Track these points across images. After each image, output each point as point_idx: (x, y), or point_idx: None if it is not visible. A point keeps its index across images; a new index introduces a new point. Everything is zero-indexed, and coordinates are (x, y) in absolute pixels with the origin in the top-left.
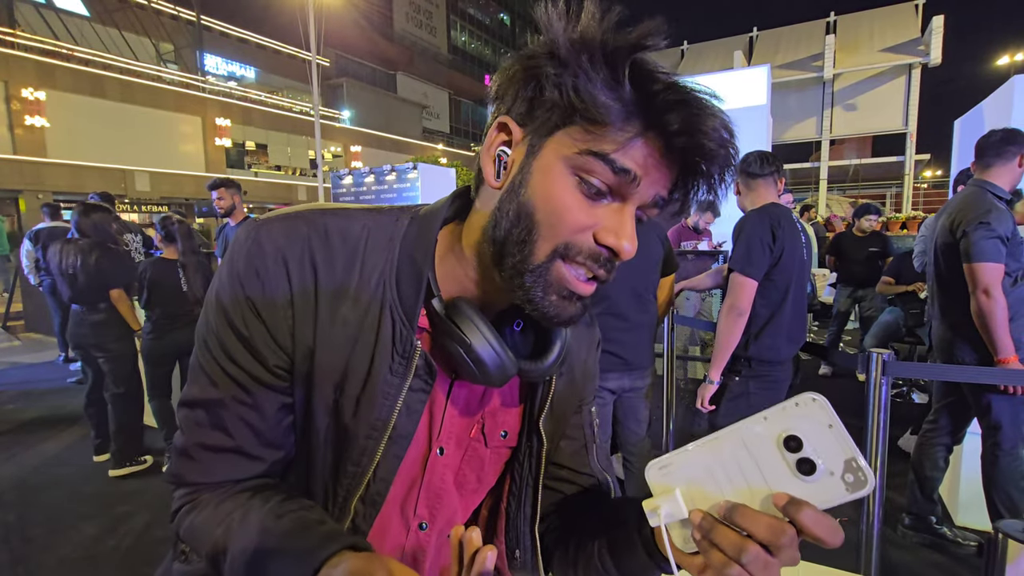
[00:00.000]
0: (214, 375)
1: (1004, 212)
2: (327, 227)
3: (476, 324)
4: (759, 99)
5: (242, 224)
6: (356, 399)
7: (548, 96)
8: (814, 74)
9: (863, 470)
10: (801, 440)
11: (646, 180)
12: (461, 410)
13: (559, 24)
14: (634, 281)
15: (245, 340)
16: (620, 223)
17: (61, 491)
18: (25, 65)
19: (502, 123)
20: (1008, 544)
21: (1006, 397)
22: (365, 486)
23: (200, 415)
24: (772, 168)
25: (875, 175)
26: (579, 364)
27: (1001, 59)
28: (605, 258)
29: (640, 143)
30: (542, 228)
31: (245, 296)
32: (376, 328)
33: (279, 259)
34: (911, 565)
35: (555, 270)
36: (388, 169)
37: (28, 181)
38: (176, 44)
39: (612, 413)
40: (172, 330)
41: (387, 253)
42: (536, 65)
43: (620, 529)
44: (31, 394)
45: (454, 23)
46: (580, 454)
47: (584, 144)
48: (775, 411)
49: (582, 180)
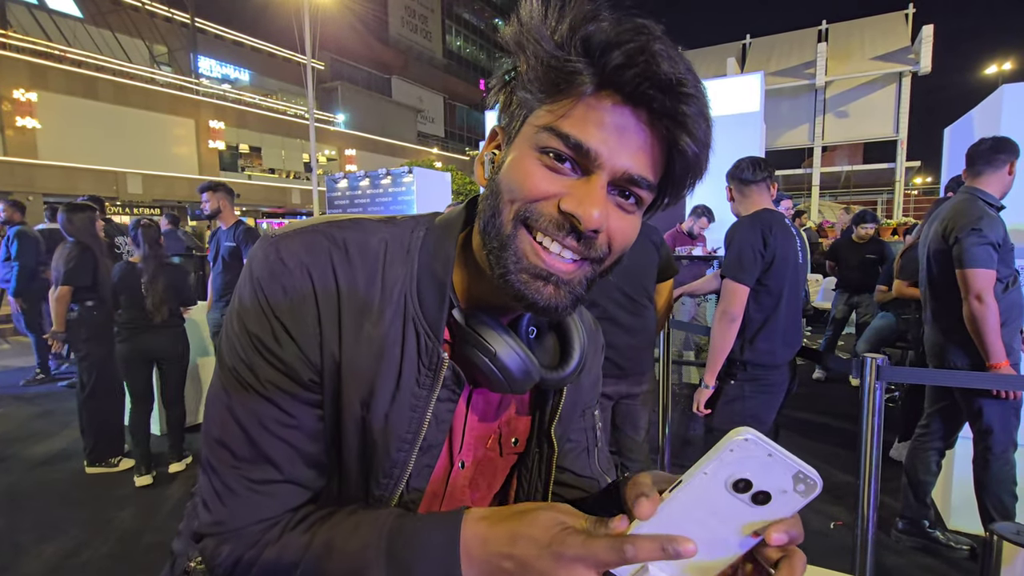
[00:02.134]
0: (248, 401)
1: (995, 219)
2: (346, 241)
3: (498, 332)
4: (752, 106)
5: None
6: (385, 414)
7: (517, 94)
8: (806, 81)
9: (810, 476)
10: (750, 480)
11: (609, 147)
12: (480, 420)
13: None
14: (625, 285)
15: (278, 359)
16: (586, 191)
17: (51, 496)
18: (17, 66)
19: (494, 131)
20: (1003, 546)
21: (997, 402)
22: (399, 497)
23: (238, 446)
24: (764, 174)
25: (866, 181)
26: (586, 370)
27: (990, 68)
28: (569, 228)
29: (595, 102)
30: (505, 195)
31: (274, 315)
32: (401, 342)
33: (305, 274)
34: (904, 569)
35: (521, 239)
36: (383, 173)
37: (19, 183)
38: (170, 46)
39: (610, 418)
40: (138, 334)
41: (406, 266)
42: (508, 72)
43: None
44: (20, 398)
45: (449, 28)
46: (582, 458)
47: (543, 121)
48: (712, 463)
49: (545, 155)
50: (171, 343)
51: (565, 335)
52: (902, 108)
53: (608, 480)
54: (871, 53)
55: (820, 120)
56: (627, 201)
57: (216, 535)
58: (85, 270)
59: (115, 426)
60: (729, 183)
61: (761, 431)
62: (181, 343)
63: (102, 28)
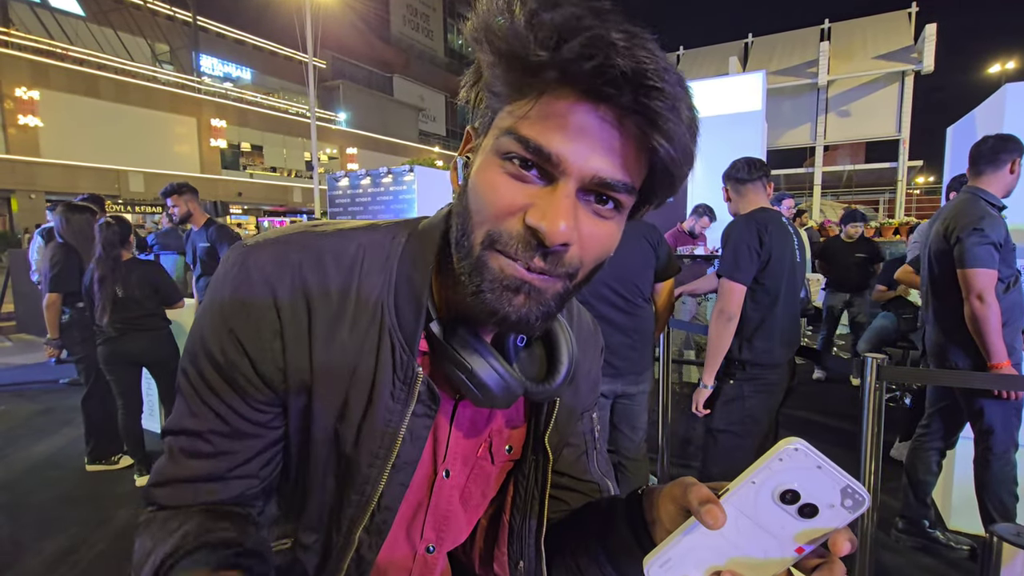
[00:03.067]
0: (194, 405)
1: (997, 218)
2: (320, 250)
3: (477, 348)
4: (754, 105)
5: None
6: (357, 427)
7: (482, 92)
8: (808, 80)
9: (859, 492)
10: (797, 491)
11: (574, 150)
12: (467, 431)
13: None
14: (618, 285)
15: (224, 373)
16: (550, 202)
17: (52, 493)
18: (19, 64)
19: (467, 133)
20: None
21: (998, 402)
22: (370, 516)
23: (182, 442)
24: (760, 173)
25: (868, 181)
26: (583, 373)
27: (993, 67)
28: (536, 244)
29: (554, 101)
30: (474, 216)
31: (228, 328)
32: (376, 352)
33: (267, 288)
34: (904, 569)
35: (491, 261)
36: (384, 171)
37: (21, 181)
38: (172, 45)
39: (608, 418)
40: (116, 337)
41: (384, 274)
42: (474, 73)
43: (616, 537)
44: (23, 396)
45: (451, 26)
46: (581, 460)
47: (504, 124)
48: (760, 472)
49: (508, 161)
50: (153, 347)
51: (553, 345)
52: (904, 107)
53: (608, 482)
54: (873, 52)
55: (822, 119)
56: (604, 207)
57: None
58: (71, 275)
59: (115, 425)
60: (725, 183)
61: (759, 431)
62: (165, 346)
63: (104, 26)
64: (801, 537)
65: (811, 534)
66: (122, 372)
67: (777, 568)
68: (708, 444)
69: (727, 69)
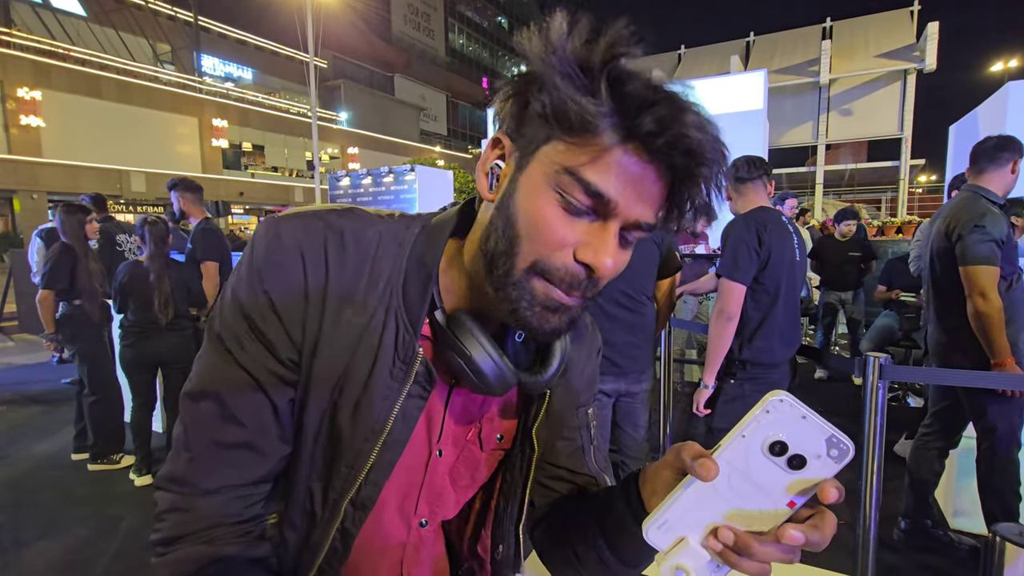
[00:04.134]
0: (226, 367)
1: (999, 216)
2: (343, 229)
3: (476, 336)
4: (756, 104)
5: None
6: (355, 401)
7: (532, 112)
8: (810, 79)
9: (843, 441)
10: (785, 442)
11: (629, 197)
12: (459, 416)
13: (536, 42)
14: (624, 283)
15: (259, 331)
16: (601, 240)
17: (54, 493)
18: (21, 65)
19: (496, 138)
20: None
21: (1001, 400)
22: (357, 489)
23: (209, 407)
24: (760, 171)
25: (870, 180)
26: (577, 371)
27: (995, 65)
28: (583, 278)
29: (620, 154)
30: (523, 242)
31: (263, 288)
32: (380, 332)
33: (298, 253)
34: (906, 568)
35: (535, 286)
36: (385, 171)
37: (23, 181)
38: (173, 45)
39: (610, 416)
40: (145, 338)
41: (396, 260)
42: (523, 83)
43: (613, 518)
44: (25, 395)
45: (452, 26)
46: (577, 455)
47: (563, 160)
48: (750, 425)
49: (563, 196)
50: (178, 347)
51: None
52: (907, 106)
53: (606, 477)
54: (875, 50)
55: (824, 118)
56: (629, 236)
57: (169, 491)
58: (62, 272)
59: (115, 423)
60: (725, 182)
61: None
62: (188, 347)
63: (106, 27)
64: (792, 488)
65: (801, 485)
66: (144, 372)
67: (771, 522)
68: (710, 444)
69: (728, 68)
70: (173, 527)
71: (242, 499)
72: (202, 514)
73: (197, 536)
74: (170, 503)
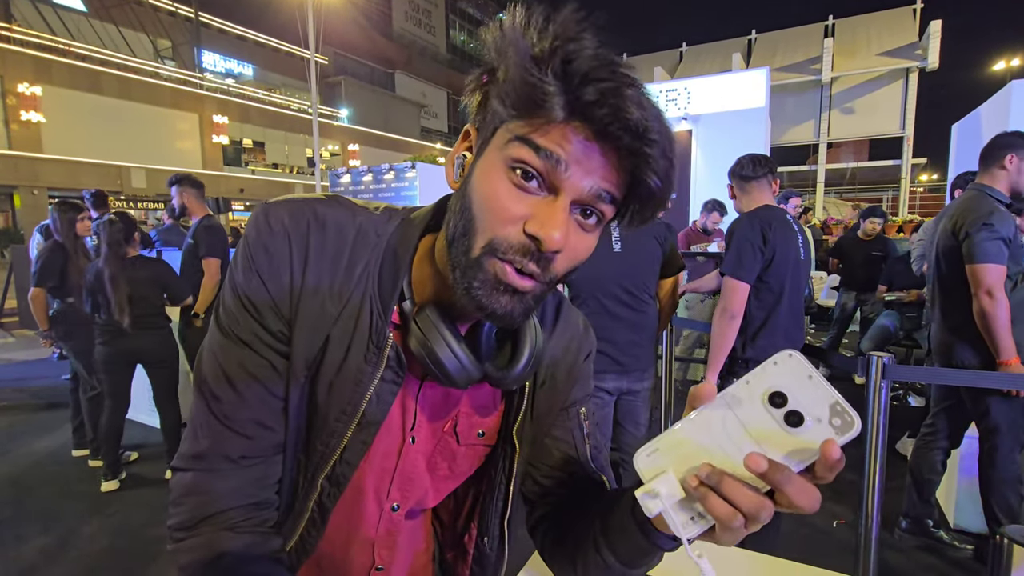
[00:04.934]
0: (231, 347)
1: (1006, 214)
2: (326, 217)
3: (440, 330)
4: (758, 101)
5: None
6: (330, 382)
7: (491, 100)
8: (812, 77)
9: (848, 412)
10: (785, 394)
11: (577, 167)
12: (433, 406)
13: (494, 33)
14: (628, 281)
15: (255, 309)
16: (549, 213)
17: (54, 489)
18: (22, 60)
19: (466, 131)
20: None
21: (1004, 401)
22: (332, 466)
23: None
24: (765, 170)
25: (872, 178)
26: (563, 369)
27: (998, 64)
28: (533, 251)
29: (568, 128)
30: (477, 222)
31: (255, 269)
32: (356, 316)
33: (285, 237)
34: (907, 568)
35: (488, 265)
36: (386, 168)
37: (23, 177)
38: (174, 40)
39: (612, 415)
40: (117, 336)
41: (375, 249)
42: (485, 75)
43: (613, 517)
44: (25, 391)
45: (453, 22)
46: (571, 456)
47: (516, 130)
48: (755, 373)
49: (513, 169)
50: (154, 346)
51: (518, 337)
52: (909, 104)
53: (603, 477)
54: (878, 49)
55: (826, 116)
56: (588, 220)
57: (188, 471)
58: (52, 270)
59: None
60: (731, 180)
61: None
62: (167, 346)
63: (106, 22)
64: (785, 446)
65: (795, 444)
66: (119, 372)
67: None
68: None
69: (730, 66)
70: (191, 510)
71: (256, 479)
72: (219, 495)
73: (215, 520)
74: (187, 487)
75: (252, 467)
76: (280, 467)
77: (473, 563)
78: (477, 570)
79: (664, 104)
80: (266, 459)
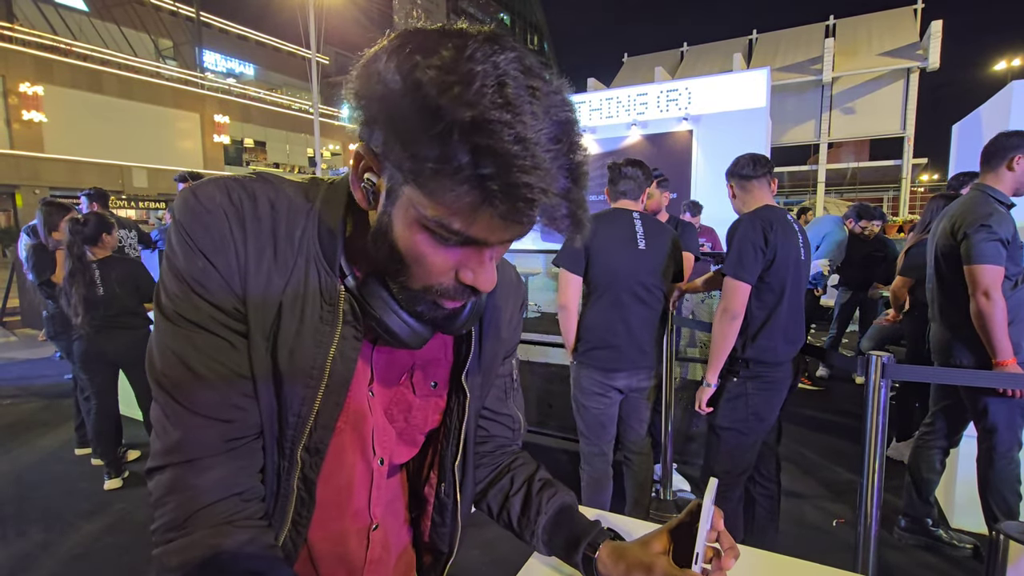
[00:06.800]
0: (184, 334)
1: (1005, 215)
2: (254, 190)
3: (386, 301)
4: (758, 102)
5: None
6: (290, 349)
7: (398, 147)
8: (813, 77)
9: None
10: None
11: (495, 235)
12: (390, 359)
13: (393, 82)
14: (646, 276)
15: (205, 290)
16: (478, 263)
17: (58, 488)
18: (23, 60)
19: (359, 155)
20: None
21: (1003, 400)
22: (308, 435)
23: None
24: (764, 170)
25: (872, 178)
26: (505, 321)
27: (999, 64)
28: (469, 293)
29: (479, 211)
30: (411, 271)
31: (198, 249)
32: (304, 280)
33: (219, 210)
34: (907, 567)
35: (427, 296)
36: None
37: (25, 176)
38: (175, 40)
39: (617, 412)
40: (93, 335)
41: (308, 215)
42: (382, 112)
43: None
44: (27, 390)
45: (454, 22)
46: (501, 398)
47: (428, 212)
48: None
49: (435, 235)
50: (130, 347)
51: None
52: (909, 104)
53: (520, 416)
54: (878, 49)
55: (826, 116)
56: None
57: (165, 470)
58: (42, 269)
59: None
60: (729, 180)
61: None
62: (143, 347)
63: (108, 22)
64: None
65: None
66: (98, 371)
67: None
68: (711, 442)
69: (731, 66)
70: (176, 508)
71: (240, 467)
72: (203, 489)
73: (203, 515)
74: (167, 485)
75: (237, 451)
76: (262, 454)
77: (434, 512)
78: (438, 520)
79: (665, 104)
80: (249, 441)
